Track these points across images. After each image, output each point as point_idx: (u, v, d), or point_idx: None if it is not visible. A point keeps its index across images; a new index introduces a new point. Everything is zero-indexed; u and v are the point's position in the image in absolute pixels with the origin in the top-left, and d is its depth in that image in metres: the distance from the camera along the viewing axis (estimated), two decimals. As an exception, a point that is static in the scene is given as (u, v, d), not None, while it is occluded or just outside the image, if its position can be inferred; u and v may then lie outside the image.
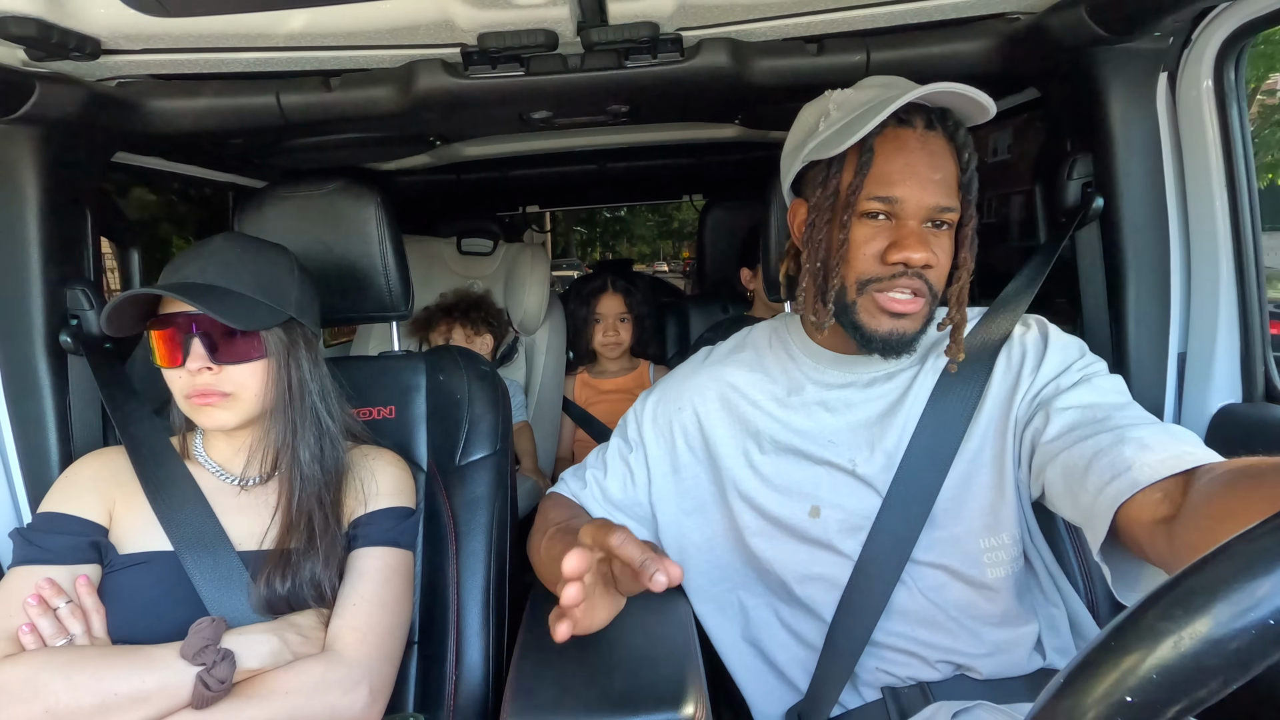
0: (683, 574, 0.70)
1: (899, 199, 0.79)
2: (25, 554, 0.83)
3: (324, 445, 0.91)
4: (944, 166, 0.80)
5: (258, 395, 0.87)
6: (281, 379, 0.88)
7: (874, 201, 0.79)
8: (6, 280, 1.02)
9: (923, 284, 0.80)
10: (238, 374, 0.85)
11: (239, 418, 0.86)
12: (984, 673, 0.84)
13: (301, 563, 0.84)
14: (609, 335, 2.04)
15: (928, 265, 0.79)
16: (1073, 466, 0.74)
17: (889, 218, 0.80)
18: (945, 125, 0.81)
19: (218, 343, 0.83)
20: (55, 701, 0.71)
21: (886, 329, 0.81)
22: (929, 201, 0.79)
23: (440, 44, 0.99)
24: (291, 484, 0.88)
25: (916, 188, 0.78)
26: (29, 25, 0.79)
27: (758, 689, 0.91)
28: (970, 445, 0.86)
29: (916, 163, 0.79)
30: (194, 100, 1.08)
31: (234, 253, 0.89)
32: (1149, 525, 0.65)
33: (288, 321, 0.89)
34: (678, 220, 14.86)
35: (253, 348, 0.85)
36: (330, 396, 0.94)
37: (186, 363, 0.83)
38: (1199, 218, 1.03)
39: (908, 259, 0.78)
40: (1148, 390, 1.05)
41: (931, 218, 0.80)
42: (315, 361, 0.93)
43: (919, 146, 0.80)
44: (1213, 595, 0.30)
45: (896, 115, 0.79)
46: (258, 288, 0.86)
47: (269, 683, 0.76)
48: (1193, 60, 0.98)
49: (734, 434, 0.94)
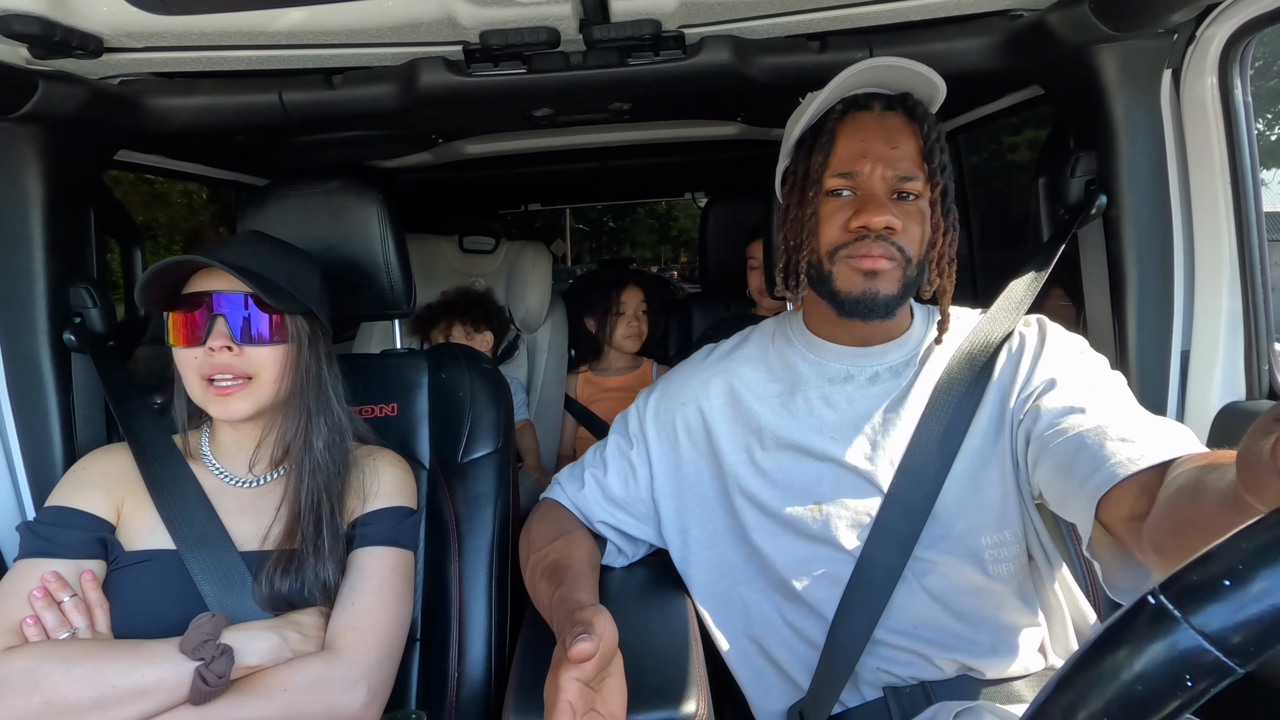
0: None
1: (858, 172, 0.85)
2: (32, 547, 0.83)
3: (335, 437, 0.92)
4: (903, 141, 0.85)
5: (275, 380, 0.87)
6: (300, 366, 0.89)
7: (836, 179, 0.86)
8: (10, 278, 1.02)
9: (891, 248, 0.84)
10: (259, 356, 0.86)
11: (254, 406, 0.87)
12: (987, 673, 0.83)
13: (305, 560, 0.84)
14: (631, 326, 2.06)
15: (889, 228, 0.83)
16: (1060, 463, 0.74)
17: (854, 193, 0.86)
18: (905, 105, 0.86)
19: (242, 323, 0.85)
20: (54, 694, 0.71)
21: (860, 289, 0.85)
22: (887, 173, 0.84)
23: (442, 41, 0.99)
24: (301, 474, 0.89)
25: (873, 161, 0.84)
26: (32, 23, 0.79)
27: (759, 686, 0.91)
28: (972, 443, 0.86)
29: (873, 139, 0.85)
30: (196, 98, 1.08)
31: (265, 245, 0.92)
32: (1125, 522, 0.65)
33: (309, 314, 0.91)
34: (676, 229, 15.38)
35: (278, 330, 0.87)
36: (341, 392, 0.95)
37: (208, 340, 0.83)
38: (1202, 215, 1.02)
39: (867, 222, 0.83)
40: (1151, 388, 1.05)
41: (894, 189, 0.85)
42: (330, 358, 0.94)
43: (875, 125, 0.86)
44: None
45: (855, 101, 0.87)
46: (287, 278, 0.89)
47: (267, 679, 0.76)
48: (1197, 57, 0.98)
49: (737, 430, 0.95)
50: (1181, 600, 0.31)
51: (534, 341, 2.14)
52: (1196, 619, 0.30)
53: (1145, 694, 0.31)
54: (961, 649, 0.84)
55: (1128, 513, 0.65)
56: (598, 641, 0.63)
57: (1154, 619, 0.31)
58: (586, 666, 0.63)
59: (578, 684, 0.62)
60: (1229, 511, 0.49)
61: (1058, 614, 0.87)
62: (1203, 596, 0.30)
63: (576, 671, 0.62)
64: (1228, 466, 0.51)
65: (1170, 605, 0.31)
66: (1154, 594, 0.32)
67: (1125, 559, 0.71)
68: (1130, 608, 0.33)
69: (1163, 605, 0.31)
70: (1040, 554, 0.87)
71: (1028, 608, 0.86)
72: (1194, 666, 0.30)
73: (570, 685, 0.62)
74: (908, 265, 0.85)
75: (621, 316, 2.06)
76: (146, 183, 2.45)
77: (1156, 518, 0.60)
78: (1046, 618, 0.88)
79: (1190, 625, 0.30)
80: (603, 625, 0.66)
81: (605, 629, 0.66)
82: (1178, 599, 0.31)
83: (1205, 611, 0.30)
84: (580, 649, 0.61)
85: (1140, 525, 0.63)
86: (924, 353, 0.92)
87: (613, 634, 0.67)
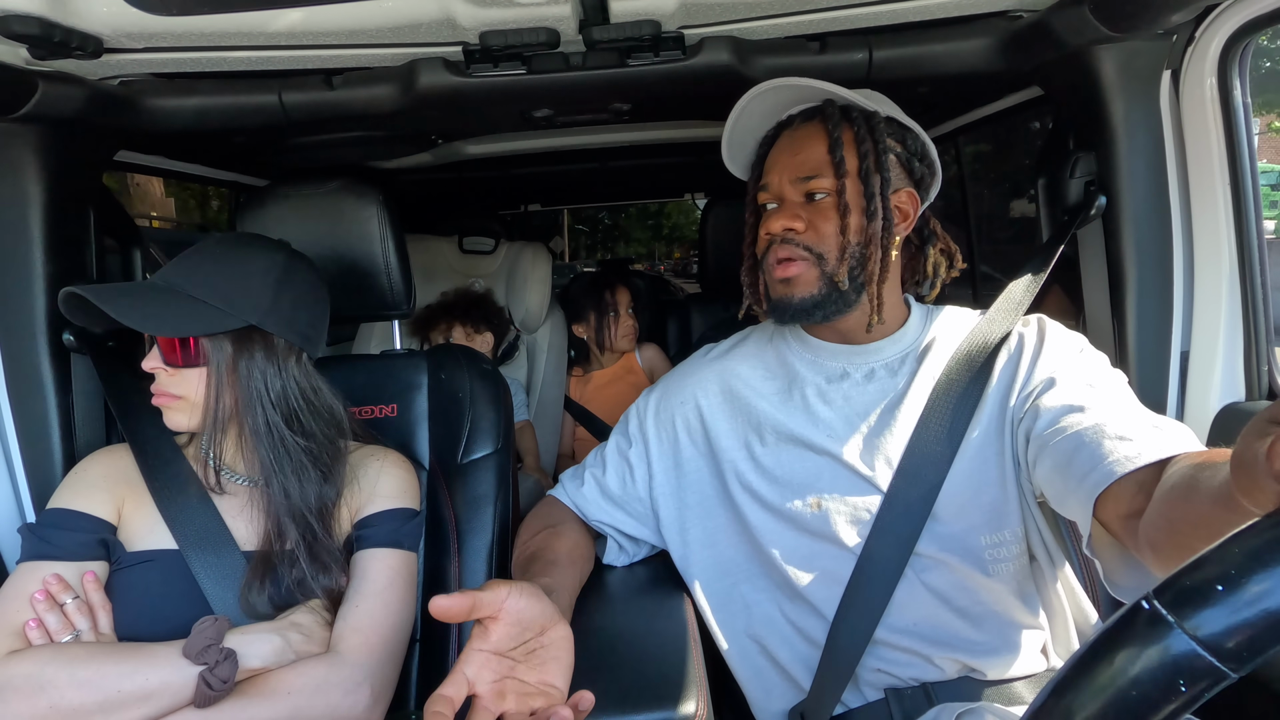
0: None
1: (768, 184, 0.92)
2: (33, 549, 0.83)
3: (290, 461, 0.87)
4: (807, 147, 0.89)
5: (204, 400, 0.86)
6: (226, 388, 0.85)
7: (760, 193, 0.94)
8: (9, 279, 1.02)
9: (796, 249, 0.88)
10: (188, 377, 0.85)
11: (190, 421, 0.87)
12: (989, 673, 0.84)
13: (283, 570, 0.84)
14: (626, 325, 2.10)
15: (790, 229, 0.88)
16: (1059, 462, 0.75)
17: (776, 204, 0.92)
18: (823, 113, 0.90)
19: (169, 345, 0.85)
20: (59, 698, 0.71)
21: (776, 294, 0.91)
22: (792, 177, 0.90)
23: (442, 42, 0.98)
24: (269, 484, 0.88)
25: (780, 171, 0.91)
26: (31, 24, 0.79)
27: (760, 686, 0.91)
28: (972, 442, 0.86)
29: (781, 150, 0.92)
30: (196, 99, 1.08)
31: (209, 254, 0.88)
32: (1123, 519, 0.65)
33: (246, 330, 0.85)
34: (668, 227, 15.94)
35: (192, 354, 0.85)
36: (303, 412, 0.89)
37: (145, 360, 0.85)
38: (1202, 216, 1.02)
39: (768, 229, 0.90)
40: (1150, 389, 1.05)
41: (802, 191, 0.89)
42: (281, 373, 0.88)
43: (787, 141, 0.92)
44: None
45: (782, 123, 0.95)
46: (215, 292, 0.84)
47: (271, 682, 0.76)
48: (1196, 58, 0.98)
49: (736, 426, 0.95)
50: (1175, 605, 0.31)
51: (534, 342, 2.14)
52: (1190, 624, 0.30)
53: (1140, 699, 0.31)
54: (962, 648, 0.84)
55: (1125, 510, 0.65)
56: (462, 598, 0.59)
57: (1148, 624, 0.31)
58: (490, 638, 0.61)
59: (483, 654, 0.61)
60: (1222, 510, 0.49)
61: (1060, 614, 0.87)
62: (1196, 601, 0.30)
63: (480, 643, 0.61)
64: (1221, 465, 0.51)
65: (1164, 610, 0.31)
66: (1148, 599, 0.32)
67: (1126, 557, 0.71)
68: (1124, 612, 0.33)
69: (1156, 610, 0.31)
70: (1043, 553, 0.87)
71: (1029, 607, 0.86)
72: (1188, 671, 0.30)
73: (472, 656, 0.61)
74: (822, 262, 0.88)
75: (618, 317, 2.08)
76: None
77: (1151, 516, 0.60)
78: (1048, 618, 0.88)
79: (1184, 630, 0.30)
80: (498, 590, 0.62)
81: (500, 593, 0.62)
82: (1171, 604, 0.31)
83: (1198, 616, 0.30)
84: (435, 601, 0.58)
85: (1137, 523, 0.63)
86: (920, 351, 0.92)
87: (511, 601, 0.62)
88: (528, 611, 0.63)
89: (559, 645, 0.66)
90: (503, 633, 0.62)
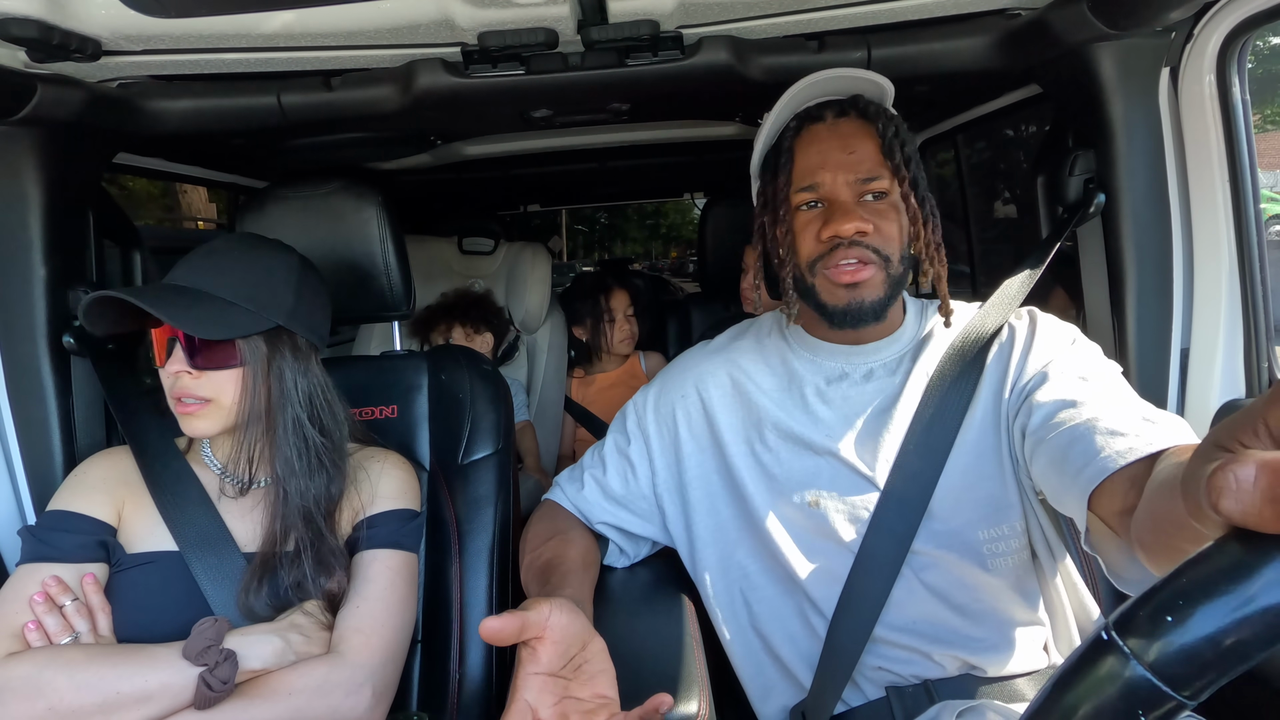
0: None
1: (819, 183, 0.86)
2: (33, 551, 0.83)
3: (309, 460, 0.88)
4: (859, 144, 0.86)
5: (235, 403, 0.85)
6: (259, 389, 0.86)
7: (802, 193, 0.87)
8: (9, 282, 1.02)
9: (867, 251, 0.84)
10: (217, 379, 0.84)
11: (216, 426, 0.85)
12: (989, 670, 0.83)
13: (283, 572, 0.84)
14: (623, 329, 2.08)
15: (861, 233, 0.84)
16: (1054, 458, 0.74)
17: (821, 204, 0.87)
18: (858, 108, 0.87)
19: (198, 347, 0.83)
20: (58, 700, 0.71)
21: (844, 300, 0.86)
22: (848, 177, 0.85)
23: (441, 43, 0.99)
24: (279, 486, 0.87)
25: (833, 170, 0.86)
26: (30, 27, 0.79)
27: (761, 684, 0.92)
28: (967, 437, 0.86)
29: (829, 149, 0.87)
30: (195, 101, 1.08)
31: (230, 255, 0.88)
32: (1117, 515, 0.65)
33: (274, 330, 0.86)
34: (665, 226, 16.12)
35: (228, 355, 0.84)
36: (323, 411, 0.91)
37: (167, 364, 0.83)
38: (1201, 213, 1.02)
39: (837, 231, 0.84)
40: (1150, 386, 1.05)
41: (861, 192, 0.86)
42: (305, 372, 0.89)
43: (829, 134, 0.87)
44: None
45: (808, 114, 0.89)
46: (243, 293, 0.84)
47: (272, 683, 0.76)
48: (1195, 55, 0.98)
49: (739, 422, 0.95)
50: (1129, 635, 0.31)
51: (534, 342, 2.14)
52: (1144, 654, 0.31)
53: None
54: (962, 645, 0.84)
55: (1119, 507, 0.65)
56: (511, 619, 0.59)
57: (1107, 654, 0.32)
58: (541, 659, 0.61)
59: (538, 678, 0.61)
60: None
61: (1061, 611, 0.87)
62: (1147, 632, 0.31)
63: (532, 666, 0.61)
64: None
65: (1119, 640, 0.31)
66: (1107, 629, 0.32)
67: (1128, 551, 0.71)
68: (1088, 642, 0.33)
69: (1114, 640, 0.32)
70: (1044, 549, 0.87)
71: (1029, 604, 0.86)
72: (1144, 701, 0.30)
73: (528, 681, 0.60)
74: (889, 265, 0.86)
75: (614, 323, 2.07)
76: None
77: (1140, 514, 0.60)
78: (1049, 614, 0.88)
79: (1138, 660, 0.31)
80: (540, 608, 0.62)
81: (544, 611, 0.62)
82: (1126, 634, 0.31)
83: (1151, 647, 0.30)
84: (486, 623, 0.58)
85: (1127, 520, 0.62)
86: (917, 347, 0.92)
87: (554, 619, 0.62)
88: (570, 628, 0.63)
89: (601, 657, 0.65)
90: (551, 652, 0.61)
